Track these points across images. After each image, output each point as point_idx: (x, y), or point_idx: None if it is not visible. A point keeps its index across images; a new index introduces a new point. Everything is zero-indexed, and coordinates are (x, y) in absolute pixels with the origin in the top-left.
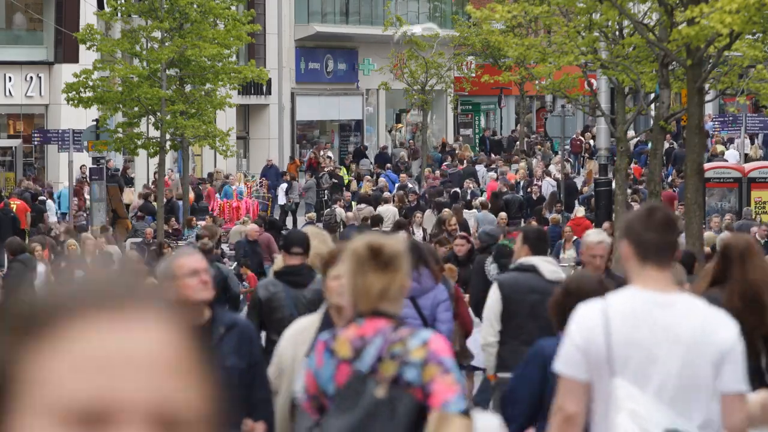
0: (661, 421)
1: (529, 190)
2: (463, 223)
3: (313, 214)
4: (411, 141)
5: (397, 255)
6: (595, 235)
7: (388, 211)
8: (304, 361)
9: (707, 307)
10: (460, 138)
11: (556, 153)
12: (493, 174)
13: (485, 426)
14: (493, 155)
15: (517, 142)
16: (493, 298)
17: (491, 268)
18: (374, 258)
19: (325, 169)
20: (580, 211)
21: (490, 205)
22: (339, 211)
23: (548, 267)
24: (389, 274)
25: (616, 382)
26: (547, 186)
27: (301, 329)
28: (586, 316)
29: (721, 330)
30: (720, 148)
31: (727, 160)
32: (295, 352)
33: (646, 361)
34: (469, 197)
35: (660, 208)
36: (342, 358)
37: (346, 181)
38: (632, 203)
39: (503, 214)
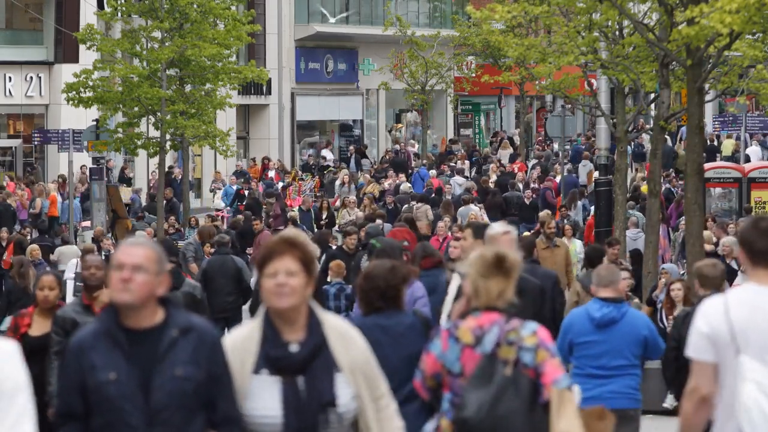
0: None
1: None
2: (455, 217)
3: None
4: (402, 143)
5: (515, 265)
6: (498, 227)
7: (423, 208)
8: (252, 378)
9: None
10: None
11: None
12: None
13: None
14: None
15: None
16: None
17: (366, 265)
18: (498, 266)
19: (325, 169)
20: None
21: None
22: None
23: None
24: (507, 279)
25: (742, 358)
26: (455, 185)
27: (242, 339)
28: (710, 308)
29: None
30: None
31: (737, 160)
32: (242, 367)
33: (764, 342)
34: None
35: (765, 219)
36: (465, 343)
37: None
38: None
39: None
